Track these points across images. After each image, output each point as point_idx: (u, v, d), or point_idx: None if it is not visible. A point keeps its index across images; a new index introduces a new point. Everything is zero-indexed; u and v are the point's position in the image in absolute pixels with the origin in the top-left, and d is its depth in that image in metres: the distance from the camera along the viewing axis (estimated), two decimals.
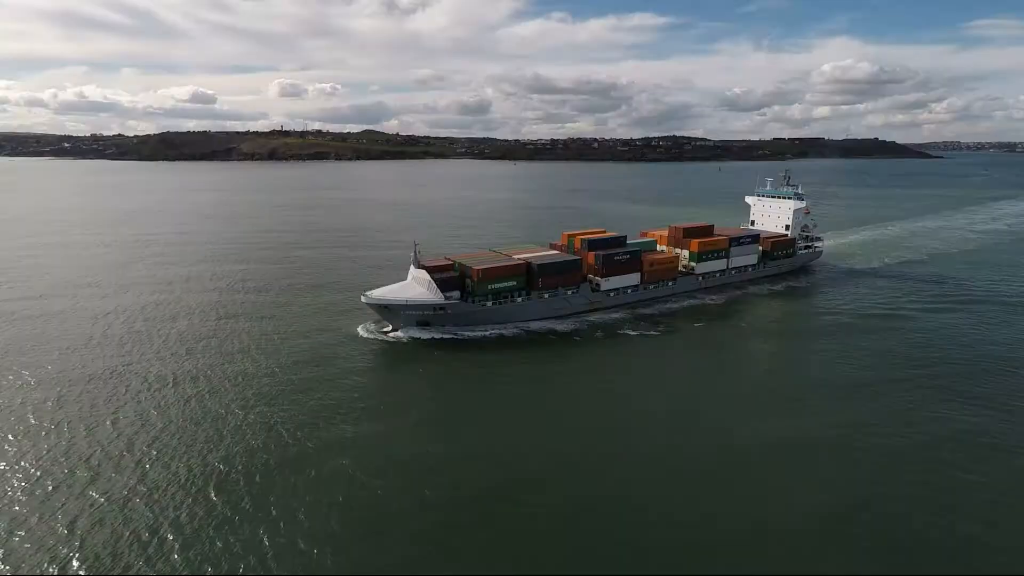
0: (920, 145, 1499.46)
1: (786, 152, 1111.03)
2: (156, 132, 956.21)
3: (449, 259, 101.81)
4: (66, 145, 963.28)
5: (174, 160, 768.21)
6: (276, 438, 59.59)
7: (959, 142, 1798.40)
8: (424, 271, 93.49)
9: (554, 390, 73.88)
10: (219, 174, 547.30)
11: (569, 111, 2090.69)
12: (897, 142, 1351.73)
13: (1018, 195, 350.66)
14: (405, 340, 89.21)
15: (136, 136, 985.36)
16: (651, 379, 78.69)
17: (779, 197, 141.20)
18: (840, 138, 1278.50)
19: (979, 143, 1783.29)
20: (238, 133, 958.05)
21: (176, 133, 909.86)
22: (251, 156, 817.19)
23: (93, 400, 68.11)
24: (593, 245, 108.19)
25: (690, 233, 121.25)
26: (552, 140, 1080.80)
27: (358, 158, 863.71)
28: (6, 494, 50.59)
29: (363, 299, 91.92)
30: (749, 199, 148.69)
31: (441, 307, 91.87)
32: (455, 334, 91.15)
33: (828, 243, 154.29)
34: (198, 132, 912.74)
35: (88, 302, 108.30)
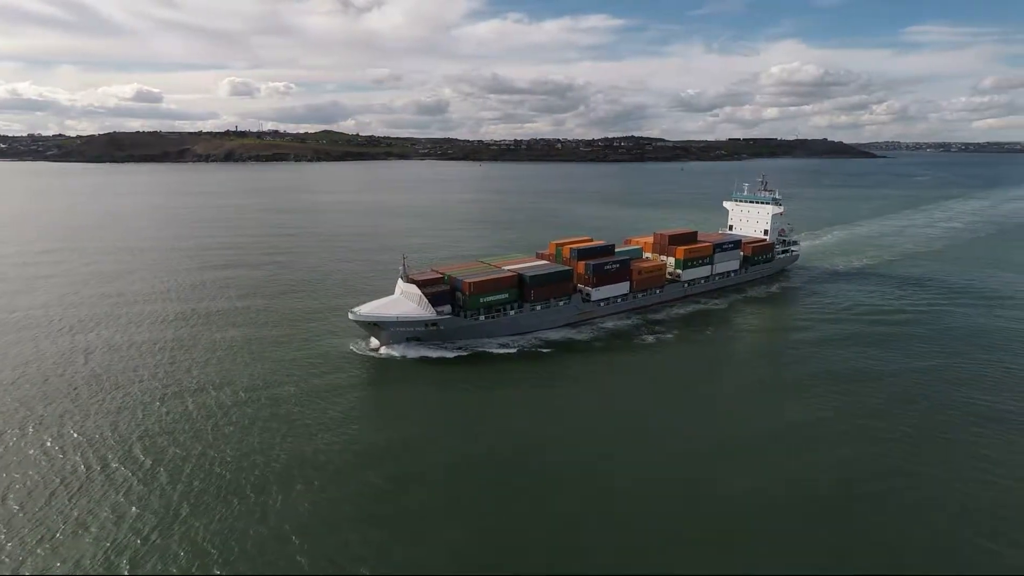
0: (864, 145, 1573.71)
1: (742, 152, 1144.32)
2: (99, 132, 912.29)
3: (437, 271, 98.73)
4: (1, 146, 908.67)
5: (123, 162, 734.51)
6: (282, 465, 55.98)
7: (899, 142, 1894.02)
8: (414, 285, 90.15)
9: (559, 414, 71.61)
10: (175, 176, 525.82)
11: (527, 111, 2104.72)
12: (844, 142, 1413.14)
13: (963, 194, 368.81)
14: (398, 358, 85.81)
15: (80, 136, 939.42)
16: (656, 397, 77.39)
17: (757, 202, 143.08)
18: (790, 138, 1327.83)
19: (917, 143, 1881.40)
20: (191, 134, 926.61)
21: (125, 133, 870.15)
22: (206, 158, 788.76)
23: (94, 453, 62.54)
24: (583, 255, 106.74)
25: (675, 240, 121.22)
26: (515, 141, 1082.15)
27: (318, 159, 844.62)
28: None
29: (351, 316, 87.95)
30: (727, 204, 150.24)
31: (433, 323, 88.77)
32: (448, 349, 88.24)
33: (801, 245, 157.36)
34: (148, 132, 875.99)
35: (63, 325, 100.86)
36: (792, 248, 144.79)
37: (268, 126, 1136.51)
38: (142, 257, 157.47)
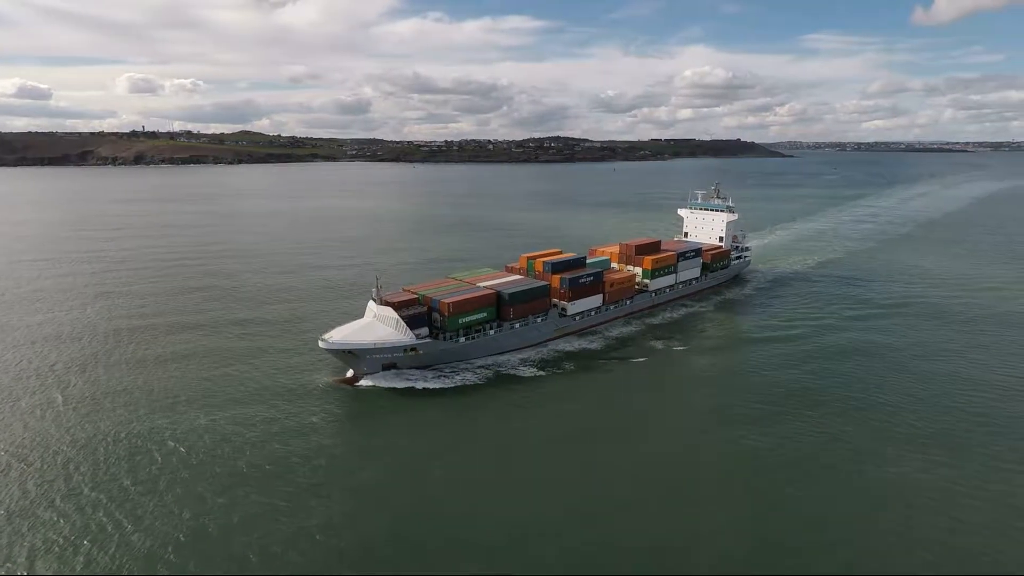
0: (772, 145, 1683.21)
1: (664, 152, 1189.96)
2: None
3: (409, 290, 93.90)
4: None
5: (13, 166, 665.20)
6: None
7: (800, 142, 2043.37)
8: (390, 308, 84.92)
9: (571, 450, 69.14)
10: (85, 181, 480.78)
11: (451, 111, 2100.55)
12: (757, 142, 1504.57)
13: (872, 193, 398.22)
14: (376, 388, 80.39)
15: None
16: (661, 422, 76.51)
17: (712, 210, 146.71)
18: (704, 138, 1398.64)
19: (817, 143, 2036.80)
20: (92, 134, 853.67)
21: (15, 134, 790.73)
22: (112, 160, 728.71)
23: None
24: (556, 268, 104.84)
25: (642, 250, 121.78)
26: (446, 142, 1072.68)
27: (240, 162, 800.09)
28: None
29: (321, 345, 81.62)
30: (682, 212, 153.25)
31: (412, 347, 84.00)
32: (427, 377, 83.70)
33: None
34: (43, 133, 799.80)
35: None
36: (745, 254, 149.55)
37: (176, 126, 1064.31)
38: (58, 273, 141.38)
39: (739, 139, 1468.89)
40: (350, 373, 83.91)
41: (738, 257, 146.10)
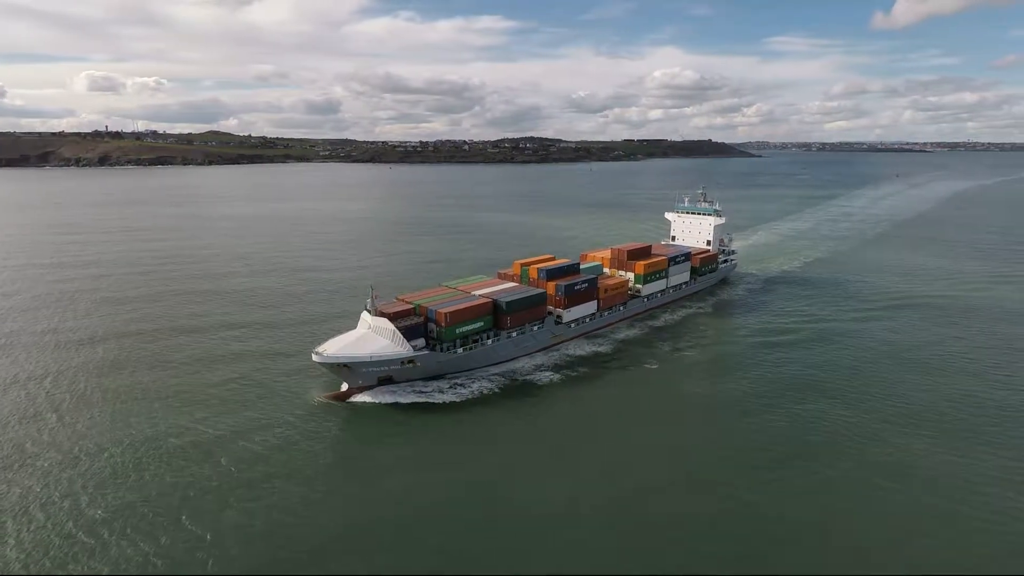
0: (741, 145, 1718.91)
1: (637, 152, 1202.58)
2: None
3: (404, 300, 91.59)
4: None
5: None
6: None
7: (768, 142, 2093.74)
8: (385, 319, 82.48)
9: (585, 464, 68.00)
10: (52, 185, 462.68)
11: (423, 111, 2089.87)
12: (727, 143, 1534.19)
13: (844, 193, 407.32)
14: (376, 405, 77.95)
15: None
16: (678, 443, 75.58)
17: (699, 213, 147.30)
18: (675, 139, 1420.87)
19: (784, 143, 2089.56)
20: (53, 135, 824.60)
21: None
22: (76, 162, 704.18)
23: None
24: (552, 275, 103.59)
25: (634, 255, 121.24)
26: (421, 142, 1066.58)
27: (210, 163, 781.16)
28: None
29: (315, 358, 78.80)
30: (669, 215, 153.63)
31: (410, 360, 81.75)
32: (426, 391, 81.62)
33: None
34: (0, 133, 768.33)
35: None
36: (731, 257, 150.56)
37: (139, 125, 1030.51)
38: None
39: (710, 139, 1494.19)
40: (344, 387, 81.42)
41: (725, 261, 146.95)
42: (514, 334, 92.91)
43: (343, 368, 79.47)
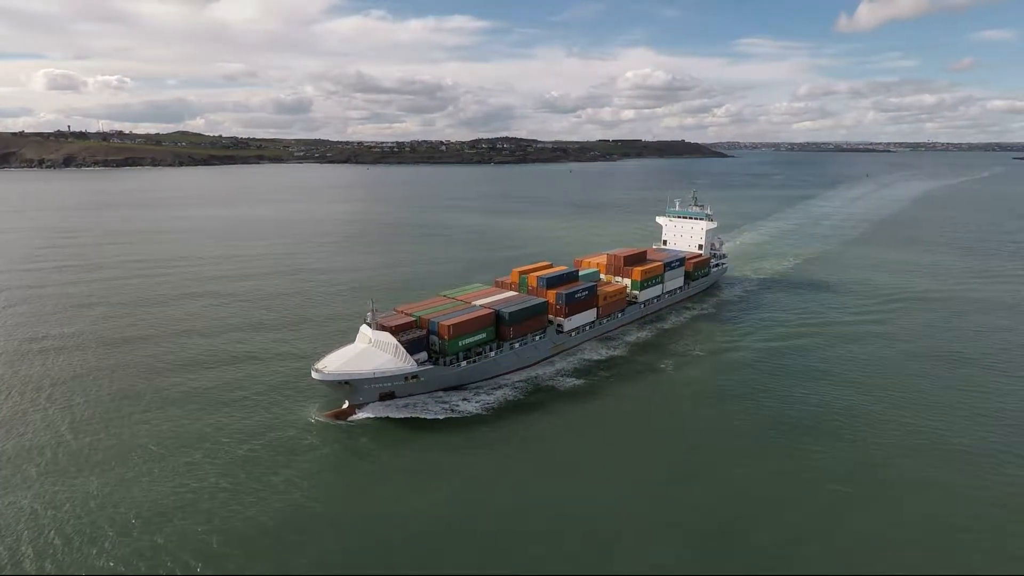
0: (713, 145, 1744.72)
1: (612, 152, 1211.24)
2: None
3: (404, 311, 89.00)
4: None
5: None
6: None
7: (738, 142, 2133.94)
8: (387, 333, 79.93)
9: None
10: (20, 187, 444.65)
11: (395, 111, 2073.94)
12: (699, 143, 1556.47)
13: (818, 194, 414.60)
14: (374, 419, 75.50)
15: None
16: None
17: (691, 218, 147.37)
18: (648, 139, 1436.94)
19: (754, 143, 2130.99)
20: (13, 135, 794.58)
21: None
22: (39, 163, 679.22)
23: None
24: (551, 283, 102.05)
25: (630, 261, 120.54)
26: (398, 143, 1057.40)
27: (181, 163, 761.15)
28: None
29: (315, 375, 75.87)
30: (660, 219, 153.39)
31: (414, 375, 79.43)
32: (428, 408, 79.42)
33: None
34: None
35: None
36: (722, 261, 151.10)
37: (102, 125, 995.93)
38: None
39: (683, 140, 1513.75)
40: (345, 404, 78.69)
41: (716, 265, 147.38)
42: (516, 345, 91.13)
43: (343, 385, 76.77)
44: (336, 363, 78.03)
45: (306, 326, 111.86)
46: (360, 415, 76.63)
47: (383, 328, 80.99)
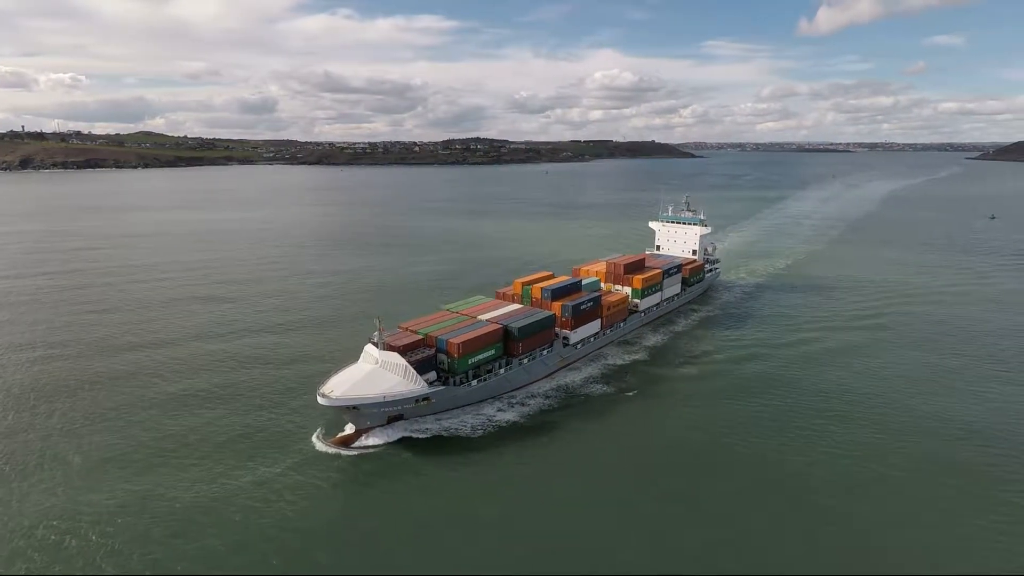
0: (681, 145, 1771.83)
1: (584, 153, 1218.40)
2: None
3: (409, 328, 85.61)
4: None
5: None
6: None
7: (705, 142, 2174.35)
8: (395, 353, 76.52)
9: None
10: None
11: (364, 111, 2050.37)
12: (668, 143, 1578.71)
13: (791, 194, 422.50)
14: (381, 446, 72.10)
15: None
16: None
17: (684, 223, 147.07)
18: (618, 139, 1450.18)
19: (720, 143, 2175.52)
20: None
21: None
22: None
23: None
24: (556, 294, 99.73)
25: (630, 269, 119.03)
26: (371, 144, 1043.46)
27: (145, 165, 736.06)
28: None
29: (321, 400, 71.99)
30: (653, 224, 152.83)
31: (425, 397, 76.22)
32: (435, 430, 76.42)
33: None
34: None
35: None
36: (715, 266, 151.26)
37: (55, 124, 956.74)
38: None
39: (653, 140, 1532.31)
40: (350, 428, 75.04)
41: (710, 270, 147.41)
42: (525, 361, 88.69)
43: (351, 410, 73.22)
44: (343, 387, 74.31)
45: (301, 333, 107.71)
46: (368, 440, 73.15)
47: (391, 348, 77.55)
